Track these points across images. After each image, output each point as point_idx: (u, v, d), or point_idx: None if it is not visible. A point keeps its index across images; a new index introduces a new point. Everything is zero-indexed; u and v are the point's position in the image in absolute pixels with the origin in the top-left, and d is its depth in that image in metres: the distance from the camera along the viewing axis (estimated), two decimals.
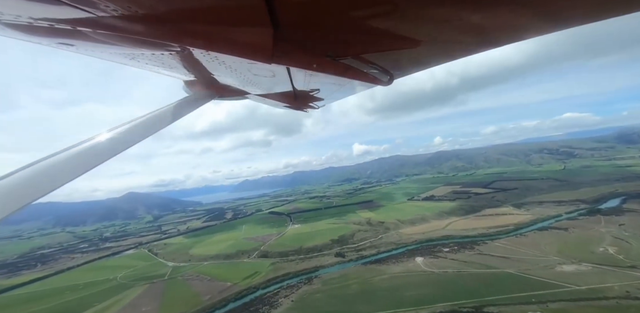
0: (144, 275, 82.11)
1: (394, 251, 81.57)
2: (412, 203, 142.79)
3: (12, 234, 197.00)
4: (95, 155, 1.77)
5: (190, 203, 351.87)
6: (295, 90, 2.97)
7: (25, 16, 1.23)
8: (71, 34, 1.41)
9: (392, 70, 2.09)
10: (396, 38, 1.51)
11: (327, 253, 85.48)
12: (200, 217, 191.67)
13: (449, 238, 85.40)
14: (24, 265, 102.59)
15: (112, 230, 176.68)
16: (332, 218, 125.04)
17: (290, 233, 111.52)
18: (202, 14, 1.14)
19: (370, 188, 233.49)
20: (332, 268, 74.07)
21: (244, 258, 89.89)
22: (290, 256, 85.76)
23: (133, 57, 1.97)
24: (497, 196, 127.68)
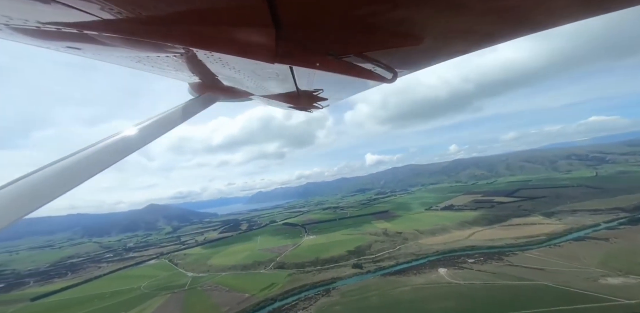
0: (166, 285, 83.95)
1: (414, 262, 78.45)
2: (430, 213, 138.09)
3: (45, 244, 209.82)
4: (107, 156, 1.80)
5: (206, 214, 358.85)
6: (299, 91, 2.99)
7: (33, 20, 1.24)
8: (78, 38, 1.42)
9: (396, 68, 2.10)
10: (399, 35, 1.52)
11: (344, 264, 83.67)
12: (217, 228, 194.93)
13: (473, 249, 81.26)
14: (55, 274, 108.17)
15: (135, 240, 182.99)
16: (348, 229, 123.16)
17: (305, 245, 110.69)
18: (205, 15, 1.14)
19: (385, 198, 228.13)
20: (350, 280, 72.20)
21: (261, 269, 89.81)
22: (307, 267, 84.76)
23: (139, 60, 2.01)
24: (524, 205, 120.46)
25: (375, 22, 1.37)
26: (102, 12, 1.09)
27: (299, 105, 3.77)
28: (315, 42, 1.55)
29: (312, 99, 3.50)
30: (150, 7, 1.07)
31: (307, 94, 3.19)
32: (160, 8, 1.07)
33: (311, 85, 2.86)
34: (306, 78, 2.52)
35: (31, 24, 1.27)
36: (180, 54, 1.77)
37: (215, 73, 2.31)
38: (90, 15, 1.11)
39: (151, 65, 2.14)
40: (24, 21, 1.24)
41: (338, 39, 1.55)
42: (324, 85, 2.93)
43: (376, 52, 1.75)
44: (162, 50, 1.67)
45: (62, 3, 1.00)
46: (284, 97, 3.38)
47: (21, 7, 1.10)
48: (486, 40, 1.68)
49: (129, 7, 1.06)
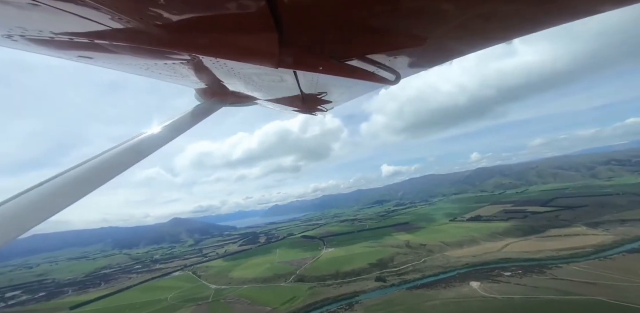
0: (190, 297, 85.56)
1: (442, 275, 74.26)
2: (455, 224, 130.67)
3: (80, 255, 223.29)
4: (121, 162, 1.87)
5: (225, 227, 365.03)
6: (303, 94, 3.01)
7: (47, 31, 1.28)
8: (89, 47, 1.46)
9: (399, 69, 2.11)
10: (401, 37, 1.51)
11: (366, 277, 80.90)
12: (236, 241, 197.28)
13: (508, 261, 75.44)
14: (90, 284, 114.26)
15: (161, 252, 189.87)
16: (367, 242, 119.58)
17: (325, 257, 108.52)
18: (209, 22, 1.16)
19: (405, 209, 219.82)
20: (374, 294, 69.59)
21: (281, 282, 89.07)
22: (328, 280, 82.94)
23: (148, 67, 2.07)
24: (563, 215, 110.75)
25: (377, 25, 1.38)
26: (111, 22, 1.12)
27: (303, 108, 3.85)
28: (318, 46, 1.57)
29: (317, 102, 3.54)
30: (157, 16, 1.09)
31: (311, 97, 3.21)
32: (167, 17, 1.09)
33: (315, 89, 2.90)
34: (310, 81, 2.58)
35: (45, 34, 1.31)
36: (186, 61, 1.82)
37: (221, 79, 2.39)
38: (100, 25, 1.14)
39: (159, 73, 2.22)
40: (39, 32, 1.28)
41: (340, 42, 1.57)
42: (328, 88, 3.00)
43: (379, 54, 1.77)
44: (169, 57, 1.73)
45: (74, 13, 1.03)
46: (288, 101, 3.42)
47: (36, 18, 1.12)
48: (490, 39, 1.69)
49: (137, 17, 1.09)
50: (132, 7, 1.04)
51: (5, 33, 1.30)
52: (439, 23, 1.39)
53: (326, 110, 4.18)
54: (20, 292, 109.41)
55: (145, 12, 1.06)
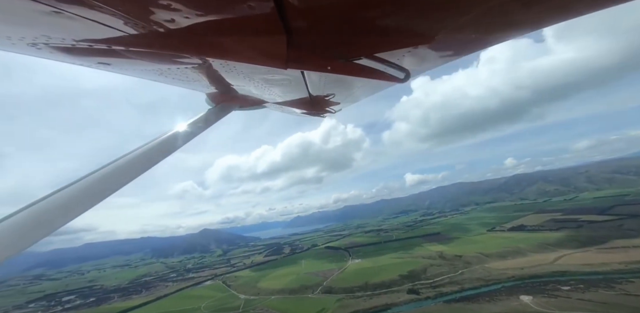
0: (222, 307, 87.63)
1: (484, 288, 68.36)
2: (494, 234, 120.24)
3: (124, 263, 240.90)
4: (135, 167, 1.90)
5: (251, 238, 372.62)
6: (311, 96, 3.00)
7: (69, 38, 1.32)
8: (107, 53, 1.50)
9: (408, 67, 2.03)
10: (409, 35, 1.48)
11: (398, 289, 77.08)
12: (261, 251, 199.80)
13: (565, 275, 67.68)
14: (133, 290, 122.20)
15: (193, 262, 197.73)
16: (396, 253, 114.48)
17: (352, 269, 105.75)
18: (220, 25, 1.17)
19: (434, 219, 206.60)
20: (407, 306, 66.04)
21: (309, 293, 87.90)
22: (357, 292, 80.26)
23: (161, 73, 2.11)
24: (627, 224, 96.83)
25: (384, 23, 1.35)
26: (127, 27, 1.15)
27: (311, 110, 3.81)
28: (326, 46, 1.55)
29: (325, 103, 3.52)
30: (170, 21, 1.11)
31: (319, 99, 3.20)
32: (180, 21, 1.12)
33: (323, 90, 2.89)
34: (318, 83, 2.57)
35: (67, 42, 1.35)
36: (198, 65, 1.84)
37: (230, 82, 2.42)
38: (117, 31, 1.18)
39: (172, 77, 2.25)
40: (62, 39, 1.33)
41: (348, 42, 1.53)
42: (336, 89, 2.95)
43: (387, 53, 1.74)
44: (181, 62, 1.76)
45: (93, 20, 1.06)
46: (296, 104, 3.42)
47: (59, 25, 1.15)
48: (499, 36, 1.65)
49: (151, 21, 1.11)
50: (146, 12, 1.05)
51: (31, 41, 1.34)
52: (447, 20, 1.36)
53: (334, 112, 4.16)
54: (74, 296, 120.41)
55: (159, 17, 1.08)
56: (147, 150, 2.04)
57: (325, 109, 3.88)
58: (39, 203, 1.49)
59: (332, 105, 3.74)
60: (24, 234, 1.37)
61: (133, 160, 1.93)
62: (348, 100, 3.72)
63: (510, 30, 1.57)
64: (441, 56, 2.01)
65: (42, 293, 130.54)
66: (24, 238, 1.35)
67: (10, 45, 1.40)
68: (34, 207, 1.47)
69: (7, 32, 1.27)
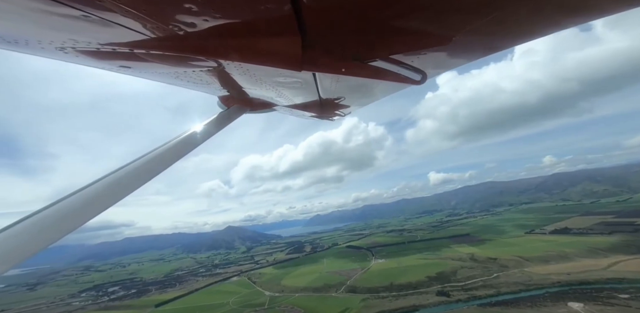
0: (248, 303, 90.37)
1: (524, 293, 63.84)
2: (533, 237, 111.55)
3: (159, 257, 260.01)
4: (150, 168, 1.96)
5: (272, 236, 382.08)
6: (321, 99, 3.01)
7: (94, 42, 1.37)
8: (128, 57, 1.56)
9: (425, 69, 2.02)
10: (426, 36, 1.45)
11: (425, 291, 74.49)
12: (283, 249, 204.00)
13: (621, 282, 61.14)
14: (168, 284, 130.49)
15: (219, 258, 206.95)
16: (421, 254, 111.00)
17: (375, 269, 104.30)
18: (236, 27, 1.19)
19: (461, 220, 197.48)
20: (437, 309, 63.75)
21: (332, 292, 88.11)
22: (381, 293, 78.96)
23: (177, 76, 2.17)
24: None
25: (400, 24, 1.34)
26: (148, 30, 1.19)
27: (321, 113, 3.82)
28: (341, 47, 1.55)
29: (334, 106, 3.51)
30: (190, 23, 1.14)
31: (329, 102, 3.19)
32: (198, 23, 1.14)
33: (334, 93, 2.87)
34: (329, 85, 2.57)
35: (92, 45, 1.40)
36: (212, 68, 1.87)
37: (242, 85, 2.44)
38: (139, 34, 1.22)
39: (187, 81, 2.30)
40: (87, 43, 1.38)
41: (363, 44, 1.54)
42: (347, 92, 2.92)
43: (403, 54, 1.72)
44: (196, 65, 1.79)
45: (116, 23, 1.10)
46: (306, 107, 3.42)
47: (85, 29, 1.19)
48: (520, 36, 1.61)
49: (171, 24, 1.14)
50: (167, 15, 1.08)
51: (59, 45, 1.39)
52: (467, 21, 1.33)
53: (343, 115, 4.17)
54: (118, 287, 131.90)
55: (180, 19, 1.11)
56: (161, 152, 2.10)
57: (334, 112, 3.83)
58: (63, 201, 1.53)
59: (341, 108, 3.69)
60: (56, 226, 1.42)
61: (149, 161, 1.98)
62: (358, 103, 3.64)
63: (533, 31, 1.53)
64: (460, 57, 1.97)
65: (91, 284, 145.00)
66: (53, 232, 1.39)
67: (39, 49, 1.45)
68: (58, 204, 1.51)
69: (37, 36, 1.32)
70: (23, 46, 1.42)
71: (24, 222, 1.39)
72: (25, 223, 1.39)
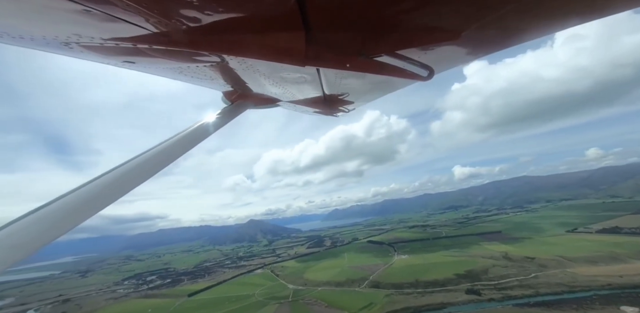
0: (273, 295, 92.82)
1: (568, 295, 59.24)
2: (577, 236, 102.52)
3: (188, 249, 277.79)
4: (155, 162, 1.95)
5: (292, 230, 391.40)
6: (325, 95, 2.96)
7: (97, 37, 1.35)
8: (132, 52, 1.55)
9: (432, 64, 1.93)
10: (434, 31, 1.43)
11: (454, 289, 71.84)
12: (303, 243, 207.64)
13: None
14: (198, 275, 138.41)
15: (243, 250, 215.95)
16: (448, 251, 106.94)
17: (399, 265, 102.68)
18: (240, 21, 1.18)
19: (491, 217, 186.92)
20: (467, 307, 61.12)
21: (355, 286, 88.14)
22: (406, 289, 77.55)
23: (181, 71, 2.15)
24: None
25: (407, 19, 1.31)
26: (151, 25, 1.19)
27: (325, 109, 3.79)
28: (346, 42, 1.51)
29: (339, 102, 3.47)
30: (193, 18, 1.14)
31: (333, 98, 3.15)
32: (201, 18, 1.13)
33: (338, 89, 2.82)
34: (333, 81, 2.50)
35: (96, 41, 1.39)
36: (216, 63, 1.84)
37: (246, 80, 2.40)
38: (142, 29, 1.22)
39: (191, 76, 2.27)
40: (91, 39, 1.37)
41: (369, 39, 1.49)
42: (351, 87, 2.84)
43: (410, 50, 1.64)
44: (201, 60, 1.76)
45: (119, 18, 1.10)
46: (310, 102, 3.39)
47: (88, 24, 1.19)
48: (534, 30, 1.54)
49: (174, 19, 1.14)
50: (169, 10, 1.09)
51: (64, 41, 1.39)
52: (477, 15, 1.29)
53: (348, 111, 4.08)
54: (155, 277, 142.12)
55: (183, 14, 1.11)
56: (166, 146, 2.11)
57: (338, 108, 3.82)
58: (67, 196, 1.54)
59: (346, 104, 3.67)
60: (65, 219, 1.43)
61: (155, 156, 2.00)
62: (363, 99, 3.62)
63: (548, 24, 1.48)
64: (469, 53, 1.91)
65: (132, 273, 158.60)
66: (60, 226, 1.40)
67: (45, 44, 1.47)
68: (63, 199, 1.52)
69: (41, 31, 1.32)
70: (29, 42, 1.43)
71: (39, 212, 1.39)
72: (40, 213, 1.39)
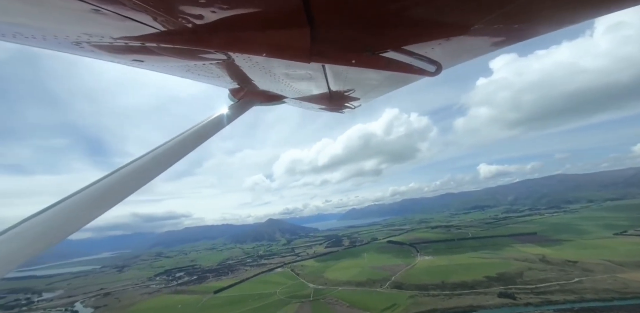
0: (294, 294, 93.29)
1: (618, 301, 54.21)
2: (627, 239, 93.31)
3: (211, 247, 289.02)
4: (166, 159, 1.97)
5: (309, 229, 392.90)
6: (331, 92, 2.96)
7: (107, 36, 1.38)
8: (140, 50, 1.57)
9: (440, 60, 1.86)
10: (442, 25, 1.39)
11: (485, 291, 68.12)
12: (322, 242, 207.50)
13: None
14: (222, 272, 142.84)
15: (263, 249, 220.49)
16: (476, 252, 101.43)
17: (422, 266, 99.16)
18: (245, 18, 1.19)
19: (523, 217, 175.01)
20: (500, 311, 58.01)
21: (376, 287, 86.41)
22: (431, 290, 74.52)
23: (188, 69, 2.17)
24: None
25: (414, 14, 1.28)
26: (158, 24, 1.21)
27: (330, 106, 3.74)
28: (351, 38, 1.50)
29: (344, 99, 3.47)
30: (198, 16, 1.15)
31: (338, 94, 3.16)
32: (207, 15, 1.15)
33: (343, 86, 2.82)
34: (338, 78, 2.49)
35: (106, 40, 1.42)
36: (222, 61, 1.86)
37: (252, 78, 2.40)
38: (150, 28, 1.24)
39: (198, 74, 2.29)
40: (100, 38, 1.40)
41: (375, 34, 1.47)
42: (357, 84, 2.84)
43: (417, 45, 1.62)
44: (207, 58, 1.80)
45: (127, 17, 1.12)
46: (315, 99, 3.39)
47: (97, 23, 1.21)
48: (544, 25, 1.50)
49: (180, 17, 1.15)
50: (175, 8, 1.10)
51: (74, 40, 1.43)
52: (486, 9, 1.24)
53: (353, 108, 4.09)
54: (183, 273, 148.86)
55: (189, 12, 1.13)
56: (173, 144, 2.15)
57: (344, 105, 3.84)
58: (79, 193, 1.55)
59: (351, 101, 3.69)
60: (76, 216, 1.44)
61: (159, 155, 2.02)
62: (369, 96, 3.63)
63: (560, 19, 1.44)
64: (479, 47, 1.87)
65: (162, 269, 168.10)
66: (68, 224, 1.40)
67: (56, 44, 1.51)
68: (76, 196, 1.53)
69: (53, 31, 1.36)
70: (41, 41, 1.46)
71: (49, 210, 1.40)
72: (53, 210, 1.40)
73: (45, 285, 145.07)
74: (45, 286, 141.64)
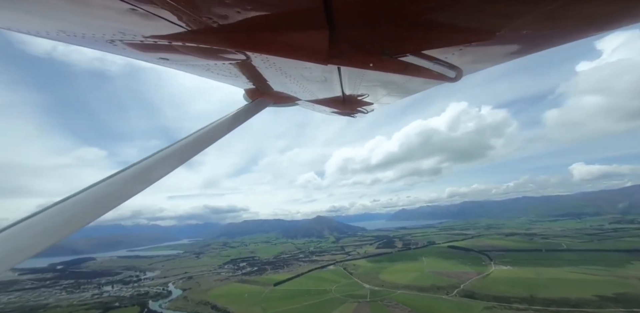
0: (349, 293, 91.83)
1: None
2: None
3: (266, 240, 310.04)
4: (182, 154, 2.07)
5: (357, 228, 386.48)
6: (345, 95, 2.99)
7: (139, 35, 1.43)
8: (167, 49, 1.62)
9: (461, 65, 1.81)
10: (465, 31, 1.34)
11: (594, 312, 56.36)
12: (372, 242, 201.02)
13: None
14: (278, 265, 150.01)
15: (313, 245, 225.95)
16: (576, 267, 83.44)
17: (497, 275, 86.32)
18: (268, 18, 1.20)
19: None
20: None
21: (442, 294, 78.68)
22: (514, 303, 64.86)
23: (208, 68, 2.21)
24: None
25: (436, 18, 1.24)
26: (186, 23, 1.23)
27: (343, 110, 3.75)
28: (370, 41, 1.48)
29: (357, 103, 3.47)
30: (224, 16, 1.17)
31: (352, 98, 3.17)
32: (232, 15, 1.16)
33: (358, 90, 2.83)
34: (353, 81, 2.50)
35: (137, 38, 1.47)
36: (241, 61, 1.88)
37: (267, 79, 2.43)
38: (177, 27, 1.27)
39: (217, 73, 2.35)
40: (133, 36, 1.45)
41: (394, 38, 1.44)
42: (372, 88, 2.84)
43: (437, 50, 1.58)
44: (227, 57, 1.82)
45: (158, 16, 1.14)
46: (329, 102, 3.42)
47: (132, 22, 1.24)
48: (573, 33, 1.43)
49: (206, 17, 1.18)
50: (201, 8, 1.12)
51: (109, 38, 1.48)
52: (512, 15, 1.18)
53: (366, 112, 4.07)
54: (245, 264, 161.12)
55: (216, 12, 1.14)
56: (187, 142, 2.24)
57: (357, 109, 3.85)
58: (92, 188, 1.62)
59: (364, 105, 3.71)
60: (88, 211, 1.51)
61: (177, 150, 2.13)
62: (383, 101, 3.59)
63: (590, 27, 1.36)
64: (502, 54, 1.80)
65: (228, 258, 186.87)
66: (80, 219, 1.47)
67: (93, 42, 1.56)
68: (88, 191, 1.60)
69: (93, 29, 1.40)
70: (80, 39, 1.52)
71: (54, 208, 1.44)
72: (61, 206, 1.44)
73: (147, 265, 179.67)
74: (148, 266, 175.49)
